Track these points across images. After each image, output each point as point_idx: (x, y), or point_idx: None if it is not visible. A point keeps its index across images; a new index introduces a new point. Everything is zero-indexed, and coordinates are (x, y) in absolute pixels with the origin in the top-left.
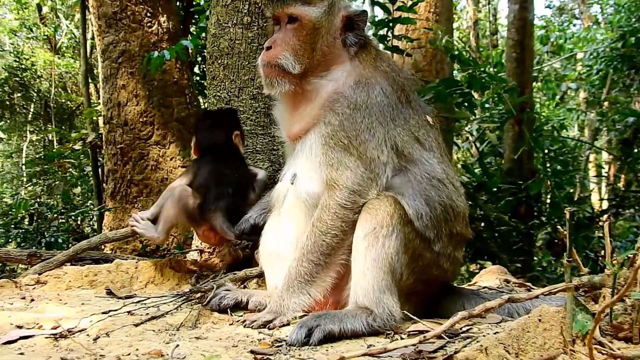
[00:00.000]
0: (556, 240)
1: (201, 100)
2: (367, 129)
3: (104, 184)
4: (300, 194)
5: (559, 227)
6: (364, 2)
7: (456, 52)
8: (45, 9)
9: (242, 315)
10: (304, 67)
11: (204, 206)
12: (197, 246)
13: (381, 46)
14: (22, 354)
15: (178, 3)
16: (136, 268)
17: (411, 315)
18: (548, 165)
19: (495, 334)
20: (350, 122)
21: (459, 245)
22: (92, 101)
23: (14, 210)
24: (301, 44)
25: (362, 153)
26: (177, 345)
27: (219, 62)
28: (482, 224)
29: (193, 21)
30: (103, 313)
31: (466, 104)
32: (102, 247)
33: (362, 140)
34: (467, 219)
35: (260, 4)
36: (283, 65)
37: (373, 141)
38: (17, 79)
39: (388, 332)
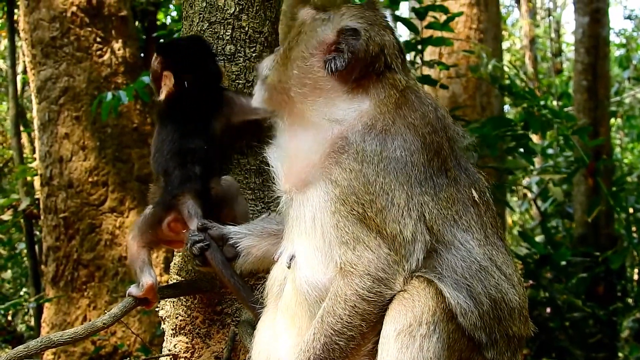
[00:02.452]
0: None
1: None
2: (383, 191)
3: (43, 266)
4: (299, 285)
5: None
6: None
7: (507, 82)
8: None
9: None
10: (278, 80)
11: (169, 191)
12: (169, 350)
13: None
14: None
15: (137, 23)
16: None
17: None
18: (634, 229)
19: None
20: (361, 183)
21: (517, 349)
22: (25, 156)
23: None
24: (286, 51)
25: (381, 227)
26: None
27: None
28: (548, 310)
29: None
30: None
31: (522, 149)
32: (42, 353)
33: (378, 208)
34: (525, 313)
35: (247, 29)
36: (261, 67)
37: (392, 210)
38: None
39: None
